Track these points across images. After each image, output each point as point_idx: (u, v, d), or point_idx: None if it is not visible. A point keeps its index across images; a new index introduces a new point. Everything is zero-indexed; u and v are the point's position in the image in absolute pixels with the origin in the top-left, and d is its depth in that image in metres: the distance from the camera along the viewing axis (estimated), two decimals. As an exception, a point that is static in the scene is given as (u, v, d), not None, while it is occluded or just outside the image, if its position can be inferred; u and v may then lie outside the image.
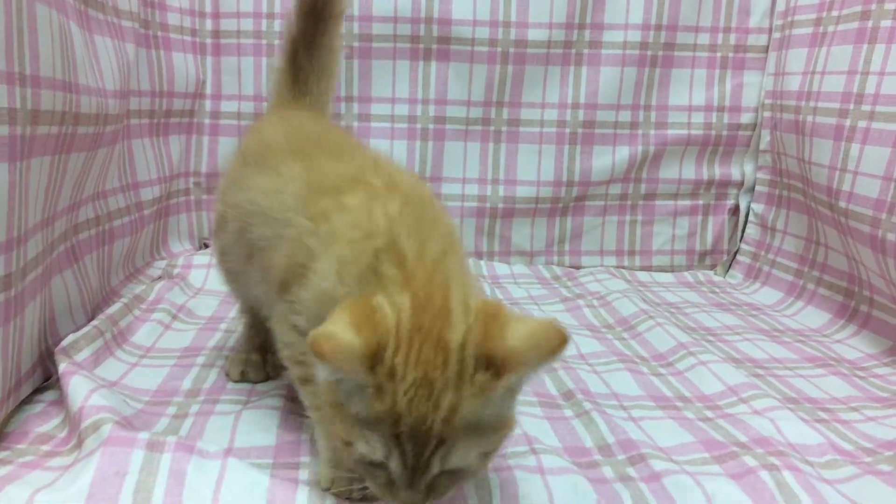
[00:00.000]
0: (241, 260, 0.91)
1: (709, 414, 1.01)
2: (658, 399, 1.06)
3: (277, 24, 1.67)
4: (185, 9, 1.64)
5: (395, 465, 0.62)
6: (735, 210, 1.80)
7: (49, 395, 0.95)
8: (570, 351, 1.21)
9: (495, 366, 0.61)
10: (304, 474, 0.80)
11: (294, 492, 0.74)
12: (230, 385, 1.03)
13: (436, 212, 0.79)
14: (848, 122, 1.35)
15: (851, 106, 1.34)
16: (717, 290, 1.67)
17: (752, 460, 0.85)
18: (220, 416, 0.92)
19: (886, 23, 1.28)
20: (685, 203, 1.80)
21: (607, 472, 0.84)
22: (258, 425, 0.90)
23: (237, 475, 0.75)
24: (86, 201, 1.19)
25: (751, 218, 1.75)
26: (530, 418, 0.96)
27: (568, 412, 0.99)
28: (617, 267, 1.79)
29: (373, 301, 0.65)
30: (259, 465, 0.80)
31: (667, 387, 1.10)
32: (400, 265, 0.68)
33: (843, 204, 1.33)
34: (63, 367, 0.92)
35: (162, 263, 1.56)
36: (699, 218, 1.81)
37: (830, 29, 1.45)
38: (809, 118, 1.47)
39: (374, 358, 0.60)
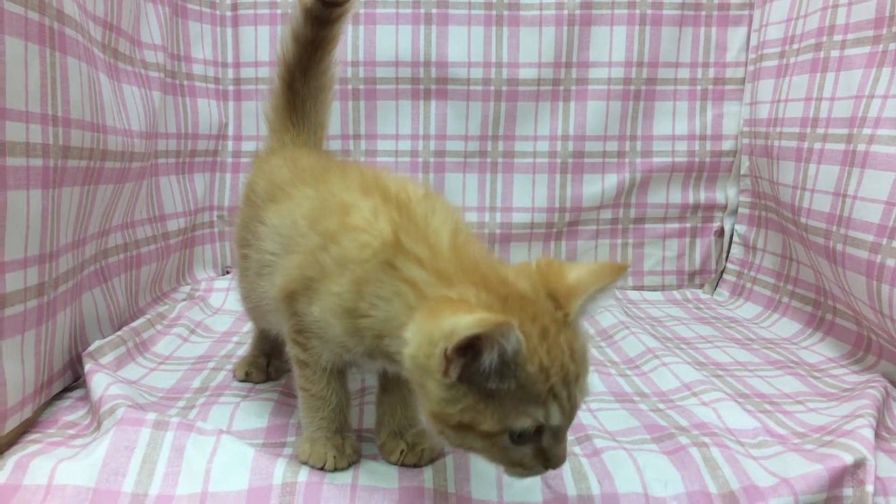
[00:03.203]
0: (260, 295, 0.96)
1: (660, 406, 1.12)
2: (618, 395, 1.17)
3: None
4: (208, 60, 1.82)
5: (555, 417, 0.67)
6: (721, 231, 1.91)
7: (77, 393, 1.10)
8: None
9: (560, 301, 0.70)
10: (287, 451, 0.94)
11: (275, 462, 0.86)
12: (235, 383, 1.17)
13: (434, 202, 0.82)
14: (806, 145, 1.46)
15: (808, 129, 1.46)
16: (702, 306, 1.77)
17: (686, 439, 0.96)
18: (222, 406, 1.06)
19: (835, 53, 1.40)
20: (673, 226, 1.92)
21: (554, 449, 0.96)
22: (253, 412, 1.04)
23: (228, 449, 0.88)
24: (115, 229, 1.35)
25: (735, 238, 1.86)
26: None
27: (532, 405, 1.11)
28: (610, 287, 1.89)
29: (451, 295, 0.69)
30: (250, 443, 0.93)
31: (629, 385, 1.21)
32: (422, 265, 0.73)
33: (803, 220, 1.44)
34: (88, 367, 1.07)
35: (187, 288, 1.72)
36: (687, 240, 1.92)
37: (792, 60, 1.57)
38: (776, 143, 1.59)
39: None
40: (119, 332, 1.23)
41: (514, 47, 1.82)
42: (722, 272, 1.89)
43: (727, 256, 1.88)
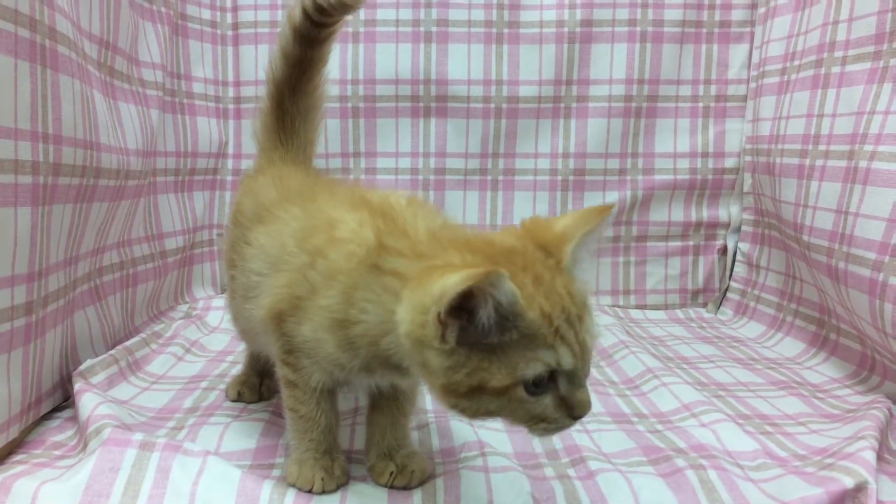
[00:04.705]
0: (248, 317, 0.94)
1: (658, 427, 1.10)
2: (616, 416, 1.15)
3: (290, 89, 1.84)
4: (209, 78, 1.82)
5: (567, 359, 0.66)
6: (724, 249, 1.89)
7: (67, 413, 1.08)
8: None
9: (550, 251, 0.70)
10: (276, 472, 0.92)
11: (261, 484, 0.84)
12: (227, 403, 1.15)
13: (418, 207, 0.82)
14: (807, 162, 1.44)
15: (810, 146, 1.44)
16: (705, 325, 1.75)
17: (683, 462, 0.94)
18: (211, 426, 1.04)
19: (836, 69, 1.39)
20: (676, 244, 1.90)
21: (548, 471, 0.94)
22: (243, 433, 1.03)
23: (214, 470, 0.86)
24: (110, 247, 1.34)
25: (738, 257, 1.84)
26: (491, 431, 1.05)
27: (527, 426, 1.09)
28: (612, 306, 1.88)
29: (438, 262, 0.69)
30: (237, 464, 0.91)
31: (627, 405, 1.19)
32: (402, 255, 0.73)
33: (805, 237, 1.42)
34: (78, 386, 1.06)
35: (185, 307, 1.71)
36: (690, 258, 1.90)
37: (793, 77, 1.55)
38: (778, 160, 1.57)
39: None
40: (111, 352, 1.22)
41: (515, 65, 1.82)
42: (725, 291, 1.86)
43: (731, 275, 1.86)
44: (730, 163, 1.86)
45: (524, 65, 1.82)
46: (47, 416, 1.07)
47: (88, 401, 1.00)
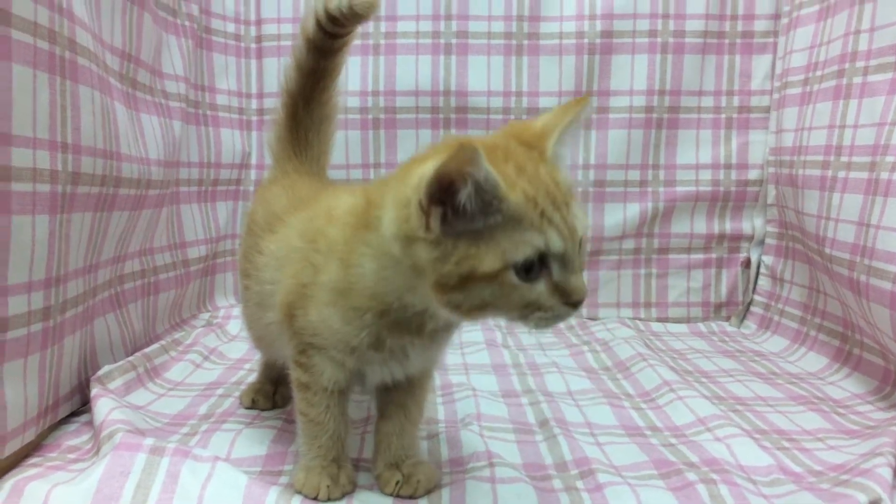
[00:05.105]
0: (263, 325, 0.96)
1: (672, 440, 1.08)
2: (629, 428, 1.14)
3: (312, 101, 1.86)
4: (232, 91, 1.85)
5: (555, 241, 0.67)
6: (747, 262, 1.86)
7: (85, 417, 1.10)
8: (559, 388, 1.31)
9: (533, 145, 0.72)
10: (284, 479, 0.92)
11: (268, 490, 0.85)
12: (241, 410, 1.16)
13: None
14: (830, 173, 1.42)
15: (832, 158, 1.42)
16: (727, 339, 1.73)
17: (694, 476, 0.93)
18: (224, 433, 1.05)
19: (857, 79, 1.37)
20: (698, 256, 1.88)
21: (556, 483, 0.93)
22: (254, 440, 1.03)
23: (222, 475, 0.86)
24: (131, 255, 1.36)
25: (762, 270, 1.81)
26: (501, 442, 1.05)
27: (538, 437, 1.08)
28: (633, 318, 1.86)
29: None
30: (246, 470, 0.92)
31: (642, 418, 1.18)
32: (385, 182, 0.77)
33: (828, 250, 1.40)
34: (95, 391, 1.07)
35: (206, 315, 1.73)
36: (713, 271, 1.88)
37: (815, 88, 1.54)
38: (801, 171, 1.55)
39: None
40: (130, 358, 1.24)
41: (535, 76, 1.82)
42: (749, 304, 1.84)
43: (754, 288, 1.83)
44: (753, 174, 1.84)
45: (544, 76, 1.82)
46: (65, 420, 1.09)
47: (103, 406, 1.02)
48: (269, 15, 1.86)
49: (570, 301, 0.69)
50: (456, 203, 0.65)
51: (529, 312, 0.69)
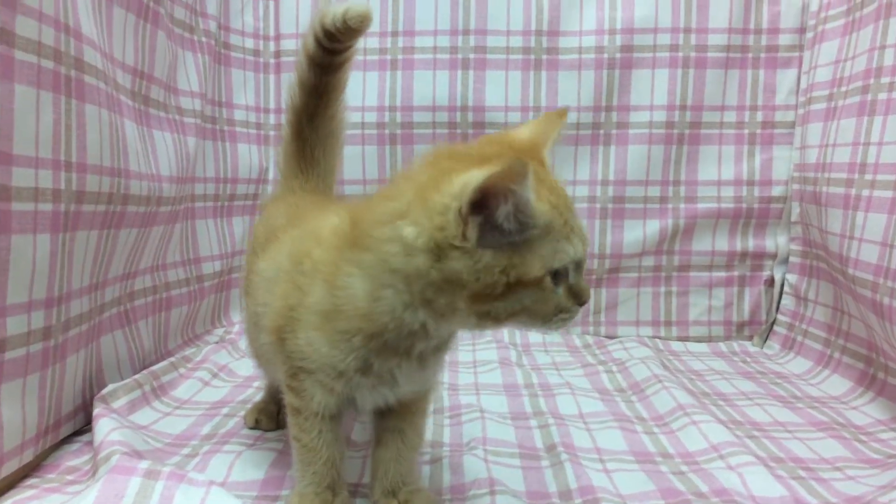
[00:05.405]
0: (259, 346, 0.96)
1: (683, 468, 1.05)
2: (639, 454, 1.11)
3: (329, 116, 1.86)
4: (250, 106, 1.85)
5: (578, 248, 0.72)
6: (771, 281, 1.82)
7: (88, 437, 1.09)
8: (570, 410, 1.28)
9: (531, 155, 0.74)
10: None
11: (262, 515, 0.84)
12: (244, 431, 1.15)
13: None
14: (854, 192, 1.38)
15: (856, 175, 1.38)
16: (748, 359, 1.68)
17: (701, 507, 0.90)
18: (224, 455, 1.04)
19: (882, 95, 1.33)
20: (720, 274, 1.84)
21: (559, 513, 0.91)
22: (253, 463, 1.02)
23: (216, 500, 0.85)
24: (142, 272, 1.36)
25: (786, 289, 1.77)
26: (505, 468, 1.03)
27: (544, 462, 1.06)
28: (652, 337, 1.82)
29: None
30: (242, 495, 0.91)
31: (653, 443, 1.15)
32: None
33: (851, 271, 1.35)
34: (97, 410, 1.07)
35: (220, 331, 1.73)
36: (735, 289, 1.84)
37: (840, 103, 1.49)
38: (824, 189, 1.51)
39: None
40: (136, 376, 1.23)
41: (553, 91, 1.80)
42: (772, 324, 1.79)
43: (778, 307, 1.79)
44: (777, 191, 1.79)
45: (563, 91, 1.79)
46: (68, 439, 1.08)
47: (104, 426, 1.01)
48: (287, 30, 1.87)
49: (581, 301, 0.74)
50: (494, 217, 0.67)
51: (555, 315, 0.72)
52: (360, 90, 1.83)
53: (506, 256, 0.68)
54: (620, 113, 1.79)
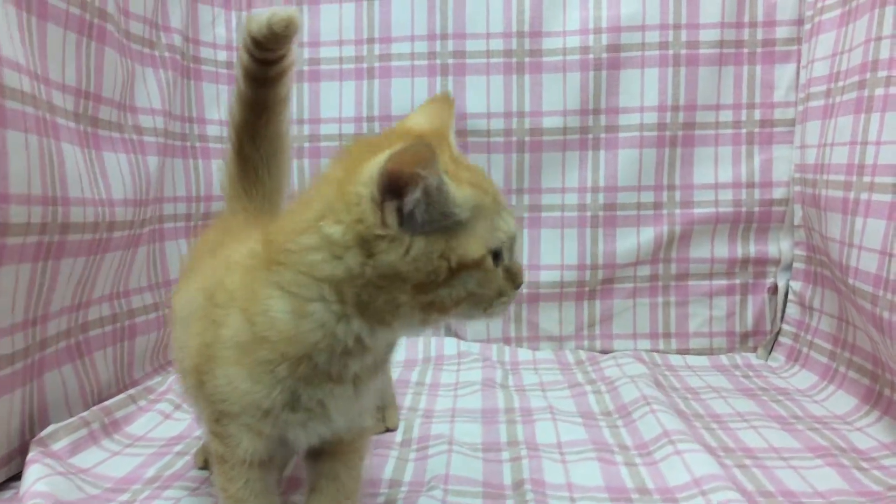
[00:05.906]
0: (185, 389, 0.90)
1: (659, 507, 0.96)
2: (614, 491, 1.02)
3: (306, 129, 1.79)
4: (224, 120, 1.79)
5: (511, 224, 0.69)
6: (774, 289, 1.72)
7: (27, 482, 1.04)
8: (548, 439, 1.20)
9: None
10: (209, 560, 0.84)
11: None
12: (192, 472, 1.08)
13: None
14: (852, 195, 1.28)
15: (854, 178, 1.28)
16: (751, 373, 1.58)
17: (670, 558, 0.81)
18: (163, 501, 0.97)
19: (879, 91, 1.23)
20: (721, 282, 1.74)
21: (512, 566, 0.82)
22: (189, 512, 0.95)
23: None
24: (98, 301, 1.30)
25: (790, 297, 1.66)
26: (465, 509, 0.95)
27: (508, 503, 0.98)
28: (650, 351, 1.73)
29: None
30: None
31: (632, 477, 1.06)
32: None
33: (851, 281, 1.26)
34: (31, 455, 1.00)
35: (197, 355, 1.66)
36: (737, 298, 1.74)
37: (838, 100, 1.39)
38: (823, 191, 1.41)
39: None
40: (83, 413, 1.17)
41: (537, 95, 1.71)
42: (777, 334, 1.69)
43: (782, 316, 1.68)
44: (778, 193, 1.69)
45: (547, 95, 1.71)
46: (3, 486, 1.02)
47: (31, 474, 0.95)
48: (261, 41, 1.80)
49: (517, 283, 0.71)
50: (413, 199, 0.63)
51: (496, 299, 0.69)
52: (337, 101, 1.76)
53: (442, 241, 0.65)
54: (609, 116, 1.70)
